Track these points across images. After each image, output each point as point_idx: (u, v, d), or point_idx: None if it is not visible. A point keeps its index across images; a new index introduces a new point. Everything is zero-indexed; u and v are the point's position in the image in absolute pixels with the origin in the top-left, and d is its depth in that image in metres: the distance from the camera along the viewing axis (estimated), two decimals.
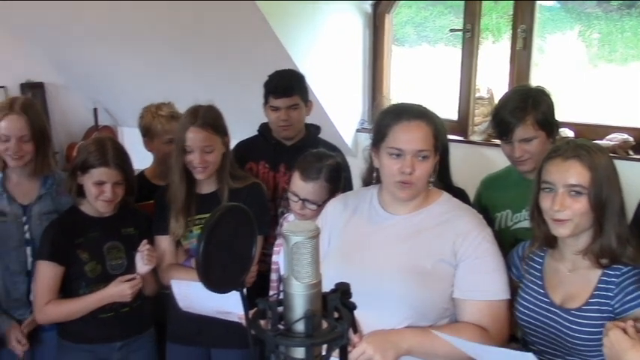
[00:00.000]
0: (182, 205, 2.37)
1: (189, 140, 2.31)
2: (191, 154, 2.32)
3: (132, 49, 4.18)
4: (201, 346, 2.48)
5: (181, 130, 2.34)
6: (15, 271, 2.43)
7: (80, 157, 2.32)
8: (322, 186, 2.18)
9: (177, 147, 2.35)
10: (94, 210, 2.38)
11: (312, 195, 2.17)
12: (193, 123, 2.32)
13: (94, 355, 2.39)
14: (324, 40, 3.58)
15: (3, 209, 2.42)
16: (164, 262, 2.43)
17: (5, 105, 2.40)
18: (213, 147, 2.33)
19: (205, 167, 2.33)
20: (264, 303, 1.11)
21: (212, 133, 2.33)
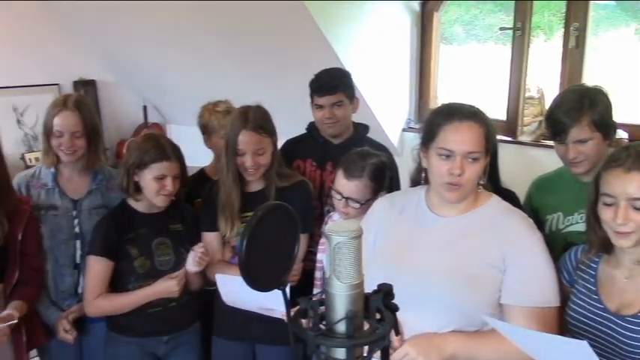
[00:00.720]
0: (233, 204, 2.38)
1: (242, 144, 2.33)
2: (243, 156, 2.34)
3: (181, 48, 4.23)
4: (245, 341, 2.49)
5: (233, 133, 2.35)
6: (64, 263, 2.49)
7: (135, 154, 2.35)
8: (365, 184, 2.16)
9: (229, 149, 2.36)
10: (143, 206, 2.42)
11: (354, 193, 2.16)
12: (245, 126, 2.33)
13: (142, 349, 2.43)
14: (371, 39, 3.56)
15: (54, 203, 2.47)
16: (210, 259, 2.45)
17: (59, 102, 2.46)
18: (264, 149, 2.35)
19: (257, 169, 2.35)
20: (305, 302, 1.11)
21: (263, 136, 2.34)
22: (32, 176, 2.52)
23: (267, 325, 2.31)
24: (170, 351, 2.48)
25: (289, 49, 3.57)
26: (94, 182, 2.54)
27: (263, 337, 2.44)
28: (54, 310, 2.48)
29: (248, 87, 3.75)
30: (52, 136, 2.42)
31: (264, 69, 3.87)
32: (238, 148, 2.33)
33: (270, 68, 3.80)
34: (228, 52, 3.94)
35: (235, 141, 2.33)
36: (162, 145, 2.36)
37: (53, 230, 2.46)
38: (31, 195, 2.46)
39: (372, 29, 3.55)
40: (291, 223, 1.18)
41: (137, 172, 2.35)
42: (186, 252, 2.45)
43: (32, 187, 2.49)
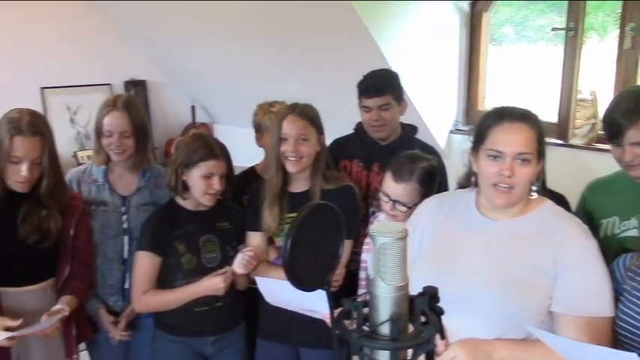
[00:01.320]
0: (276, 197, 2.39)
1: (285, 128, 2.34)
2: (286, 143, 2.34)
3: (230, 49, 4.28)
4: (289, 343, 2.49)
5: (279, 120, 2.37)
6: (112, 258, 2.53)
7: (183, 153, 2.38)
8: (414, 188, 2.13)
9: (274, 137, 2.38)
10: (191, 204, 2.45)
11: (403, 197, 2.14)
12: (291, 112, 2.35)
13: (188, 348, 2.46)
14: (419, 40, 3.53)
15: (104, 199, 2.53)
16: None
17: (109, 102, 2.51)
18: (308, 137, 2.34)
19: (299, 158, 2.33)
20: (349, 303, 1.10)
21: (308, 124, 2.34)
22: (83, 172, 2.59)
23: (312, 328, 2.30)
24: (216, 352, 2.50)
25: (336, 49, 3.57)
26: (142, 180, 2.58)
27: (307, 340, 2.43)
28: (95, 302, 2.53)
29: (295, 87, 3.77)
30: (102, 136, 2.48)
31: (311, 69, 3.88)
32: (282, 133, 2.34)
33: (318, 68, 3.81)
34: (277, 52, 3.96)
35: (280, 126, 2.35)
36: (210, 144, 2.39)
37: (102, 226, 2.52)
38: (81, 191, 2.53)
39: (420, 29, 3.52)
40: (336, 223, 1.18)
41: (185, 171, 2.38)
42: (233, 250, 2.47)
43: (83, 183, 2.55)
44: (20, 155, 2.16)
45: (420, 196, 2.11)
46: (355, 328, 1.08)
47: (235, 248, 2.49)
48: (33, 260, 2.29)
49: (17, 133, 2.15)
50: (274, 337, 2.50)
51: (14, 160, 2.16)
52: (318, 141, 2.39)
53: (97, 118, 2.50)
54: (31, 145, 2.17)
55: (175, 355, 2.45)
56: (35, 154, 2.18)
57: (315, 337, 2.38)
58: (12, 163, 2.16)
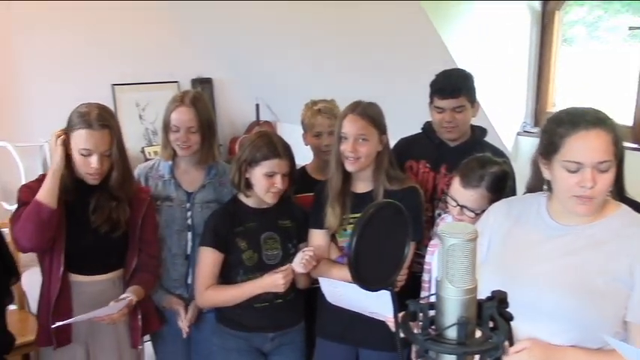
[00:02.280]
0: (337, 195, 2.38)
1: (345, 127, 2.32)
2: (345, 142, 2.32)
3: (295, 48, 4.30)
4: (349, 343, 2.47)
5: (340, 119, 2.36)
6: (176, 253, 2.58)
7: (247, 151, 2.40)
8: (482, 195, 2.06)
9: (335, 136, 2.37)
10: (253, 201, 2.46)
11: (470, 203, 2.07)
12: (352, 111, 2.33)
13: (248, 344, 2.47)
14: (487, 39, 3.46)
15: (170, 194, 2.57)
16: None
17: (177, 98, 2.55)
18: (367, 138, 2.31)
19: (357, 158, 2.31)
20: (415, 305, 1.08)
21: (369, 124, 2.31)
22: (151, 168, 2.64)
23: (372, 329, 2.28)
24: (275, 348, 2.50)
25: (403, 48, 3.54)
26: (207, 177, 2.61)
27: (367, 340, 2.41)
28: (163, 293, 2.58)
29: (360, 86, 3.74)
30: (169, 131, 2.52)
31: (377, 68, 3.86)
32: (342, 132, 2.32)
33: (384, 68, 3.78)
34: (342, 51, 3.96)
35: (340, 125, 2.34)
36: (273, 142, 2.40)
37: (167, 220, 2.56)
38: (149, 186, 2.58)
39: (489, 29, 3.45)
40: (402, 222, 1.16)
41: (248, 169, 2.40)
42: (294, 248, 2.48)
43: (151, 178, 2.61)
44: (90, 148, 2.22)
45: (488, 203, 2.03)
46: (421, 331, 1.06)
47: (296, 246, 2.49)
48: (103, 250, 2.36)
49: (87, 126, 2.22)
50: (334, 337, 2.49)
51: (84, 153, 2.23)
52: (379, 141, 2.36)
53: (165, 114, 2.55)
54: (100, 138, 2.23)
55: (235, 350, 2.47)
56: (104, 146, 2.24)
57: (374, 338, 2.35)
58: (82, 155, 2.23)
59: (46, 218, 2.20)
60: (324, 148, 2.62)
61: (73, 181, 2.30)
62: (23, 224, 2.22)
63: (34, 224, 2.20)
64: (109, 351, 2.41)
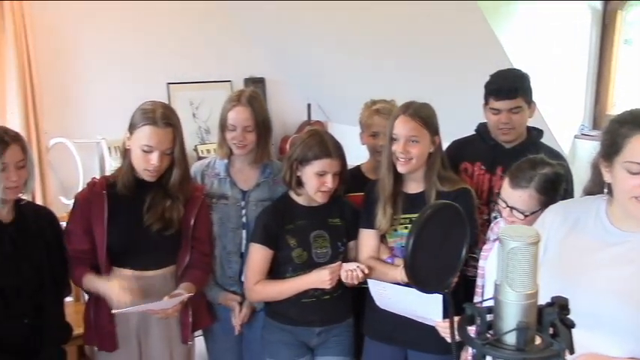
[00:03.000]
0: (389, 196, 2.37)
1: (396, 128, 2.31)
2: (396, 143, 2.31)
3: (347, 49, 4.30)
4: (397, 344, 2.45)
5: (391, 120, 2.35)
6: (231, 251, 2.60)
7: (298, 149, 2.41)
8: (531, 196, 2.01)
9: (387, 137, 2.37)
10: (304, 199, 2.48)
11: (519, 204, 2.03)
12: (404, 112, 2.32)
13: (295, 338, 2.49)
14: (545, 39, 3.39)
15: (225, 193, 2.59)
16: (366, 256, 2.45)
17: (234, 97, 2.57)
18: (419, 139, 2.30)
19: (408, 159, 2.30)
20: (473, 309, 1.06)
21: (420, 125, 2.30)
22: (207, 166, 2.66)
23: (421, 331, 2.26)
24: (322, 343, 2.51)
25: (457, 48, 3.50)
26: (262, 175, 2.62)
27: (416, 342, 2.39)
28: (218, 289, 2.61)
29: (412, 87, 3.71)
30: (226, 130, 2.54)
31: (430, 69, 3.82)
32: (393, 133, 2.32)
33: (437, 68, 3.74)
34: (397, 51, 3.94)
35: (392, 126, 2.33)
36: (325, 142, 2.40)
37: (222, 218, 2.58)
38: (205, 183, 2.61)
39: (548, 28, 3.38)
40: (459, 224, 1.14)
41: (299, 167, 2.41)
42: (343, 246, 2.49)
43: (206, 176, 2.63)
44: (152, 145, 2.26)
45: (539, 204, 1.99)
46: (478, 336, 1.04)
47: (345, 245, 2.50)
48: (156, 247, 2.39)
49: (151, 123, 2.25)
50: (382, 337, 2.48)
51: (146, 150, 2.27)
52: (431, 142, 2.34)
53: (221, 112, 2.57)
54: (163, 136, 2.27)
55: (283, 343, 2.50)
56: (166, 145, 2.28)
57: (424, 340, 2.33)
58: (143, 152, 2.27)
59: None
60: (379, 149, 2.61)
61: (132, 177, 2.34)
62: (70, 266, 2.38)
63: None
64: (160, 345, 2.45)
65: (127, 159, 2.34)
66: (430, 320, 2.13)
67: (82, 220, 2.33)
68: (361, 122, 2.78)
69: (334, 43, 4.38)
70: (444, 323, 2.08)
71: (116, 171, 2.43)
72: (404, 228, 2.39)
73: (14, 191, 2.22)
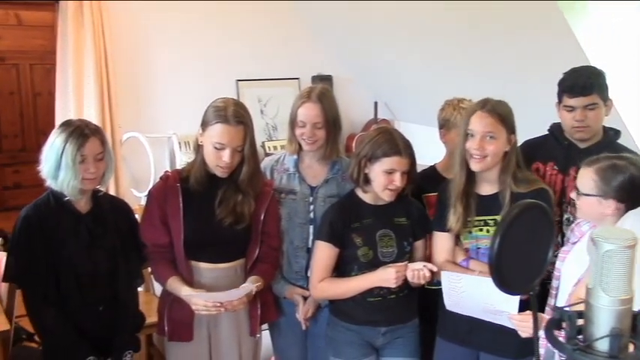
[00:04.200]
0: (460, 196, 2.32)
1: (472, 124, 2.26)
2: (472, 139, 2.27)
3: (418, 47, 4.25)
4: (470, 347, 2.41)
5: (467, 116, 2.31)
6: (297, 246, 2.60)
7: (367, 147, 2.39)
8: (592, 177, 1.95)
9: (461, 134, 2.32)
10: (370, 197, 2.45)
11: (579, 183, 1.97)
12: (481, 108, 2.27)
13: (360, 337, 2.47)
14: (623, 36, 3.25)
15: (294, 188, 2.60)
16: (439, 258, 2.42)
17: (304, 94, 2.57)
18: (495, 136, 2.24)
19: (483, 156, 2.25)
20: (562, 312, 1.02)
21: (497, 122, 2.25)
22: (277, 161, 2.68)
23: (495, 333, 2.22)
24: (387, 343, 2.49)
25: (532, 46, 3.40)
26: (331, 172, 2.62)
27: (488, 345, 2.34)
28: (284, 283, 2.61)
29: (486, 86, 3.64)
30: (296, 126, 2.55)
31: (503, 67, 3.74)
32: (469, 129, 2.27)
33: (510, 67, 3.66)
34: (468, 50, 3.86)
35: (467, 122, 2.28)
36: (395, 139, 2.38)
37: (290, 213, 2.59)
38: (274, 178, 2.62)
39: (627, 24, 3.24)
40: (546, 224, 1.11)
41: (367, 165, 2.39)
42: (410, 246, 2.46)
43: (276, 171, 2.65)
44: (224, 142, 2.29)
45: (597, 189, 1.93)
46: (568, 340, 1.00)
47: (412, 244, 2.47)
48: (226, 241, 2.42)
49: (223, 121, 2.28)
50: (454, 338, 2.44)
51: (218, 147, 2.29)
52: (507, 140, 2.28)
53: (291, 109, 2.58)
54: (235, 134, 2.29)
55: (347, 343, 2.48)
56: (238, 142, 2.31)
57: (497, 344, 2.29)
58: (215, 149, 2.30)
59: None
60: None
61: (204, 172, 2.38)
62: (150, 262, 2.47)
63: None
64: (229, 338, 2.48)
65: (200, 154, 2.38)
66: (504, 314, 2.08)
67: (159, 213, 2.38)
68: (447, 120, 2.73)
69: (403, 40, 4.34)
70: (519, 316, 2.03)
71: (188, 165, 2.47)
72: (478, 230, 2.34)
73: (92, 182, 2.29)
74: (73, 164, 2.20)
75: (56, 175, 2.23)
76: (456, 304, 2.27)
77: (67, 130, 2.24)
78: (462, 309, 2.26)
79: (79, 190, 2.26)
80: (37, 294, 2.27)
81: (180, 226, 2.35)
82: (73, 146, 2.20)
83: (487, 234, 2.32)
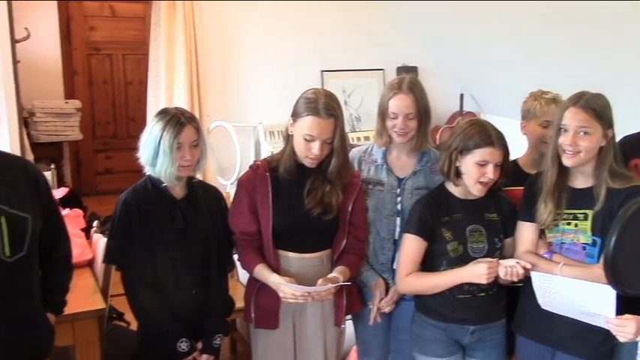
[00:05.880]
0: (552, 190, 2.25)
1: (566, 119, 2.19)
2: (565, 134, 2.19)
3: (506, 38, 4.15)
4: (545, 343, 2.34)
5: (561, 110, 2.24)
6: (384, 237, 2.58)
7: (458, 139, 2.36)
8: None
9: (554, 128, 2.25)
10: (461, 191, 2.42)
11: None
12: (575, 103, 2.19)
13: (447, 334, 2.44)
14: None
15: (381, 179, 2.58)
16: (521, 249, 2.36)
17: (394, 85, 2.54)
18: (589, 131, 2.16)
19: (576, 152, 2.17)
20: None
21: (592, 117, 2.16)
22: (365, 152, 2.67)
23: (574, 333, 2.18)
24: (475, 342, 2.45)
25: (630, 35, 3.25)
26: (419, 163, 2.59)
27: (566, 344, 2.27)
28: (372, 274, 2.60)
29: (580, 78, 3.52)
30: (387, 118, 2.52)
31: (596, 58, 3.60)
32: (562, 124, 2.20)
33: (609, 58, 3.51)
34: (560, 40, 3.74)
35: (560, 117, 2.21)
36: (487, 131, 2.33)
37: (377, 205, 2.58)
38: (361, 170, 2.62)
39: None
40: None
41: (459, 157, 2.35)
42: (500, 242, 2.40)
43: (364, 162, 2.64)
44: (314, 135, 2.30)
45: None
46: None
47: (502, 241, 2.41)
48: (314, 231, 2.43)
49: (314, 113, 2.30)
50: (531, 334, 2.37)
51: (308, 138, 2.31)
52: (603, 136, 2.19)
53: (381, 100, 2.55)
54: (325, 127, 2.30)
55: (434, 340, 2.45)
56: (328, 134, 2.31)
57: (575, 343, 2.22)
58: (305, 140, 2.32)
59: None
60: (547, 140, 2.48)
61: (293, 161, 2.40)
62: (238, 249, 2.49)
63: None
64: (314, 327, 2.50)
65: (290, 144, 2.40)
66: (600, 317, 2.00)
67: (249, 201, 2.42)
68: (529, 110, 2.66)
69: (490, 30, 4.24)
70: (617, 320, 1.93)
71: (277, 154, 2.50)
72: (566, 224, 2.26)
73: (187, 169, 2.36)
74: (170, 151, 2.27)
75: (154, 162, 2.31)
76: (550, 304, 2.21)
77: (165, 119, 2.31)
78: (557, 309, 2.19)
79: (176, 177, 2.34)
80: (134, 276, 2.37)
81: (269, 214, 2.38)
82: (170, 134, 2.27)
83: (574, 228, 2.24)
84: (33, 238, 2.06)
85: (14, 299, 2.03)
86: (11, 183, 2.05)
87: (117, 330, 3.23)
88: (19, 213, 2.02)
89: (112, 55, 7.27)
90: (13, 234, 1.99)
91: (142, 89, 4.57)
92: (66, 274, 2.33)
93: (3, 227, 1.97)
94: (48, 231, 2.17)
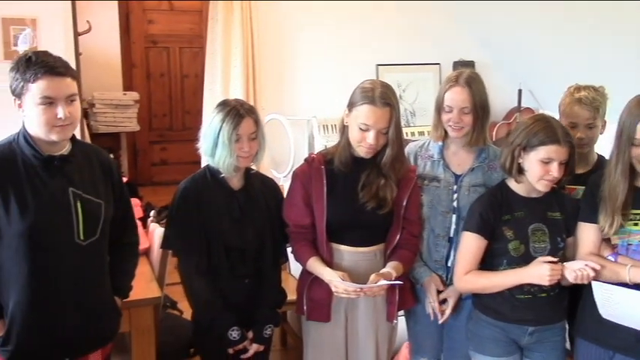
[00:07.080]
0: (617, 198, 2.18)
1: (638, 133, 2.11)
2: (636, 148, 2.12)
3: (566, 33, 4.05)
4: (603, 346, 2.27)
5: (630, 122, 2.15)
6: (439, 234, 2.55)
7: (522, 135, 2.30)
8: None
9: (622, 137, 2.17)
10: (523, 189, 2.36)
11: None
12: None
13: (505, 334, 2.39)
14: None
15: (438, 175, 2.55)
16: (584, 251, 2.29)
17: (452, 78, 2.51)
18: None
19: None
20: None
21: None
22: (421, 147, 2.64)
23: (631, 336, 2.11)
24: (533, 343, 2.39)
25: None
26: (477, 160, 2.54)
27: (624, 347, 2.19)
28: (425, 270, 2.56)
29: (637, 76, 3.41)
30: (442, 111, 2.49)
31: None
32: (635, 138, 2.11)
33: None
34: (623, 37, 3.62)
35: (633, 130, 2.11)
36: (553, 127, 2.26)
37: (432, 201, 2.54)
38: (417, 165, 2.59)
39: None
40: None
41: (522, 154, 2.29)
42: (563, 242, 2.34)
43: (420, 157, 2.61)
44: (369, 124, 2.29)
45: None
46: None
47: (565, 240, 2.35)
48: (368, 225, 2.42)
49: (369, 102, 2.29)
50: (588, 336, 2.31)
51: (363, 128, 2.31)
52: None
53: (438, 94, 2.53)
54: (380, 115, 2.29)
55: (491, 339, 2.40)
56: (383, 124, 2.30)
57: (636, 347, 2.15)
58: (361, 130, 2.31)
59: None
60: (576, 141, 2.38)
61: (349, 153, 2.39)
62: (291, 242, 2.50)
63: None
64: (366, 321, 2.49)
65: (345, 135, 2.40)
66: None
67: (303, 193, 2.42)
68: (559, 108, 2.60)
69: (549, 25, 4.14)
70: None
71: (332, 148, 2.49)
72: (633, 224, 2.19)
73: (246, 160, 2.39)
74: (229, 143, 2.30)
75: (213, 152, 2.34)
76: (612, 315, 2.15)
77: (224, 110, 2.34)
78: (619, 319, 2.14)
79: (234, 168, 2.37)
80: (190, 263, 2.41)
81: (323, 208, 2.38)
82: (229, 125, 2.30)
83: None
84: (105, 224, 2.14)
85: (86, 283, 2.11)
86: (86, 170, 2.13)
87: (170, 318, 3.29)
88: (93, 199, 2.09)
89: (169, 49, 7.42)
90: (88, 219, 2.06)
91: (198, 82, 4.64)
92: (133, 260, 2.41)
93: (79, 212, 2.04)
94: (118, 217, 2.24)
